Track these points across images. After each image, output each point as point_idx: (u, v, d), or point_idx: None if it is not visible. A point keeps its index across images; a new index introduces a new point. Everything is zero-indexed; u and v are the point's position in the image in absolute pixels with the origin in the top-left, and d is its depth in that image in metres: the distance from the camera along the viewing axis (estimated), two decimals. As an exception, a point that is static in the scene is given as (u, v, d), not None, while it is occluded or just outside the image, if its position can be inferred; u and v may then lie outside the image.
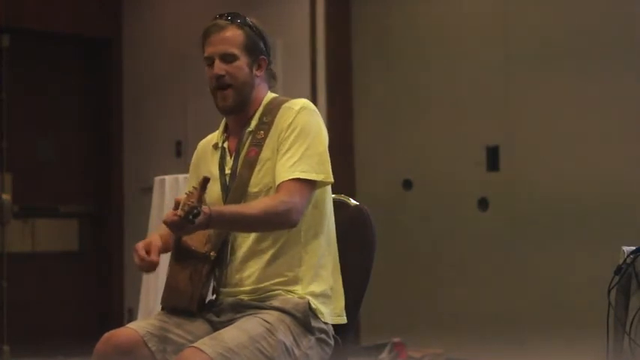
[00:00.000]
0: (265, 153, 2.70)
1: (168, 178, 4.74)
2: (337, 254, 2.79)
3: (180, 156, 6.87)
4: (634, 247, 2.83)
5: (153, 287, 4.64)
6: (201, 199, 2.36)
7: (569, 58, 5.01)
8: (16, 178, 6.94)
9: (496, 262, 5.27)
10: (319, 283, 2.71)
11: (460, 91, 5.48)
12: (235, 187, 2.72)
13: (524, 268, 5.14)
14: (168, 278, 2.73)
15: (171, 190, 4.67)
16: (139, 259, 2.68)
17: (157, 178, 4.82)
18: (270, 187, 2.67)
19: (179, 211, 2.36)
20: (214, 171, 2.79)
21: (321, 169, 2.67)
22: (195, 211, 2.34)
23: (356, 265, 2.83)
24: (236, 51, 2.73)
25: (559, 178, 5.03)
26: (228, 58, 2.73)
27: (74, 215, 7.33)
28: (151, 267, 2.69)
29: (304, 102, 2.75)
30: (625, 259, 2.82)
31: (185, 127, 6.82)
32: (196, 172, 2.91)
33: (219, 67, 2.73)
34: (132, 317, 6.43)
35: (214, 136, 2.89)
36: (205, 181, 2.38)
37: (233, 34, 2.74)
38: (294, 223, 2.62)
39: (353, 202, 2.94)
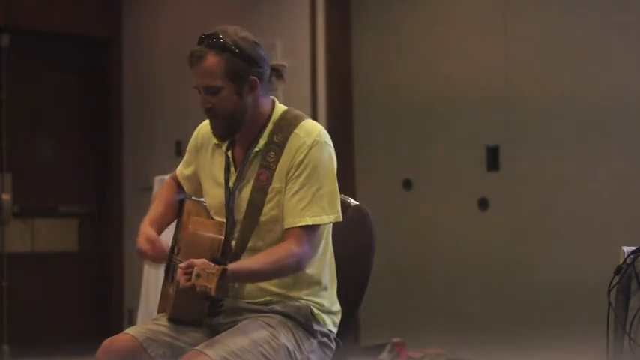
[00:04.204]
0: (275, 183, 2.65)
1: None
2: (335, 269, 2.78)
3: (180, 156, 6.85)
4: (634, 247, 2.83)
5: (153, 288, 4.64)
6: (218, 290, 2.37)
7: (570, 58, 5.01)
8: (16, 178, 6.94)
9: (496, 262, 5.27)
10: (323, 301, 2.71)
11: (460, 91, 5.48)
12: (248, 215, 2.66)
13: (524, 268, 5.14)
14: (176, 295, 2.64)
15: (171, 190, 4.66)
16: (145, 252, 2.66)
17: (157, 178, 4.82)
18: (277, 220, 2.64)
19: (194, 280, 2.36)
20: (218, 177, 2.75)
21: (332, 210, 2.64)
22: (208, 295, 2.36)
23: (356, 265, 2.83)
24: (218, 82, 2.59)
25: (559, 178, 5.03)
26: (211, 90, 2.61)
27: (74, 215, 7.33)
28: (162, 256, 2.66)
29: (316, 133, 2.66)
30: (625, 259, 2.81)
31: (185, 127, 6.79)
32: (195, 158, 2.87)
33: (205, 99, 2.63)
34: (132, 317, 6.43)
35: None
36: (224, 271, 2.38)
37: (212, 63, 2.58)
38: (301, 270, 2.62)
39: (353, 202, 2.93)
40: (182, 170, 2.93)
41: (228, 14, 6.64)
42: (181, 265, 2.46)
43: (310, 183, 2.61)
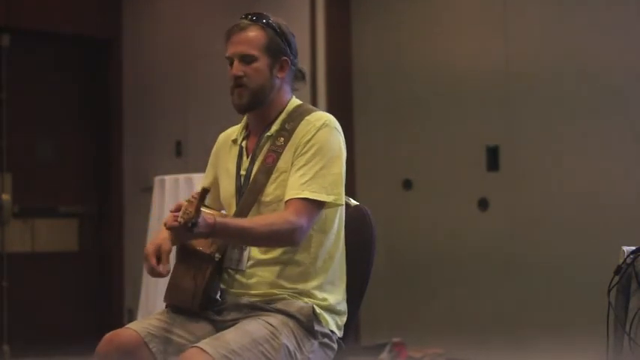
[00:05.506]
0: (282, 163, 2.69)
1: (168, 178, 4.74)
2: (345, 268, 2.79)
3: (180, 156, 6.87)
4: (634, 247, 2.83)
5: (153, 287, 4.65)
6: (199, 211, 2.37)
7: (570, 58, 5.01)
8: (16, 178, 6.94)
9: (496, 262, 5.26)
10: (329, 297, 2.71)
11: (460, 91, 5.48)
12: (249, 192, 2.71)
13: (524, 267, 5.14)
14: (171, 277, 2.73)
15: (171, 190, 4.68)
16: (150, 267, 2.65)
17: (157, 178, 4.82)
18: (281, 200, 2.66)
19: (179, 218, 2.37)
20: (231, 168, 2.80)
21: (333, 191, 2.66)
22: (191, 222, 2.35)
23: (356, 265, 2.83)
24: (255, 52, 2.71)
25: (559, 178, 5.03)
26: (247, 59, 2.71)
27: (74, 215, 7.33)
28: (161, 275, 2.67)
29: (327, 118, 2.74)
30: (625, 259, 2.81)
31: (185, 127, 6.82)
32: (214, 165, 2.93)
33: (238, 67, 2.72)
34: (132, 317, 6.42)
35: (235, 130, 2.88)
36: (204, 192, 2.38)
37: (254, 34, 2.72)
38: (296, 243, 2.62)
39: (353, 202, 2.94)
40: (203, 182, 2.97)
41: (227, 14, 6.64)
42: (171, 209, 2.54)
43: (315, 161, 2.65)
